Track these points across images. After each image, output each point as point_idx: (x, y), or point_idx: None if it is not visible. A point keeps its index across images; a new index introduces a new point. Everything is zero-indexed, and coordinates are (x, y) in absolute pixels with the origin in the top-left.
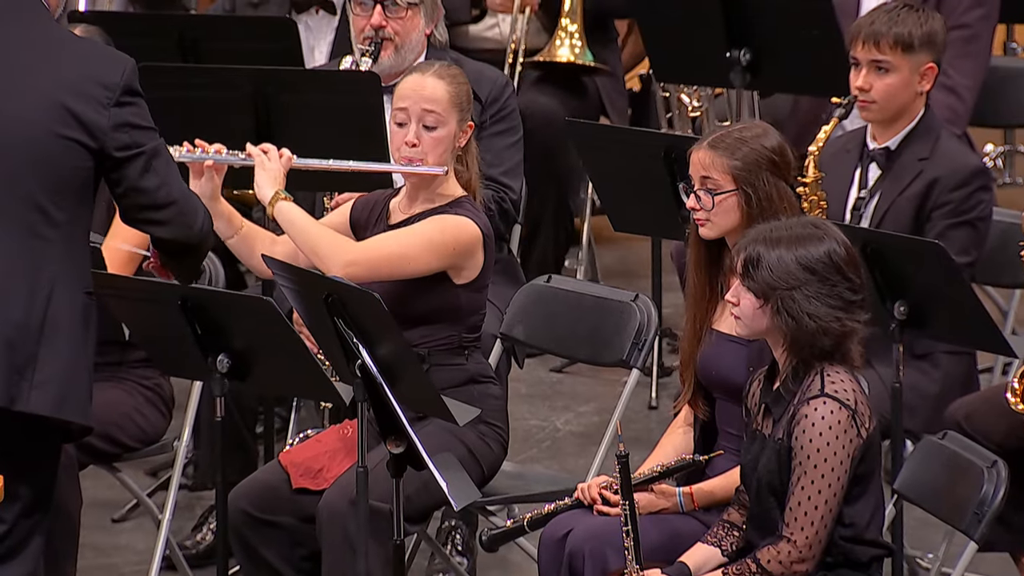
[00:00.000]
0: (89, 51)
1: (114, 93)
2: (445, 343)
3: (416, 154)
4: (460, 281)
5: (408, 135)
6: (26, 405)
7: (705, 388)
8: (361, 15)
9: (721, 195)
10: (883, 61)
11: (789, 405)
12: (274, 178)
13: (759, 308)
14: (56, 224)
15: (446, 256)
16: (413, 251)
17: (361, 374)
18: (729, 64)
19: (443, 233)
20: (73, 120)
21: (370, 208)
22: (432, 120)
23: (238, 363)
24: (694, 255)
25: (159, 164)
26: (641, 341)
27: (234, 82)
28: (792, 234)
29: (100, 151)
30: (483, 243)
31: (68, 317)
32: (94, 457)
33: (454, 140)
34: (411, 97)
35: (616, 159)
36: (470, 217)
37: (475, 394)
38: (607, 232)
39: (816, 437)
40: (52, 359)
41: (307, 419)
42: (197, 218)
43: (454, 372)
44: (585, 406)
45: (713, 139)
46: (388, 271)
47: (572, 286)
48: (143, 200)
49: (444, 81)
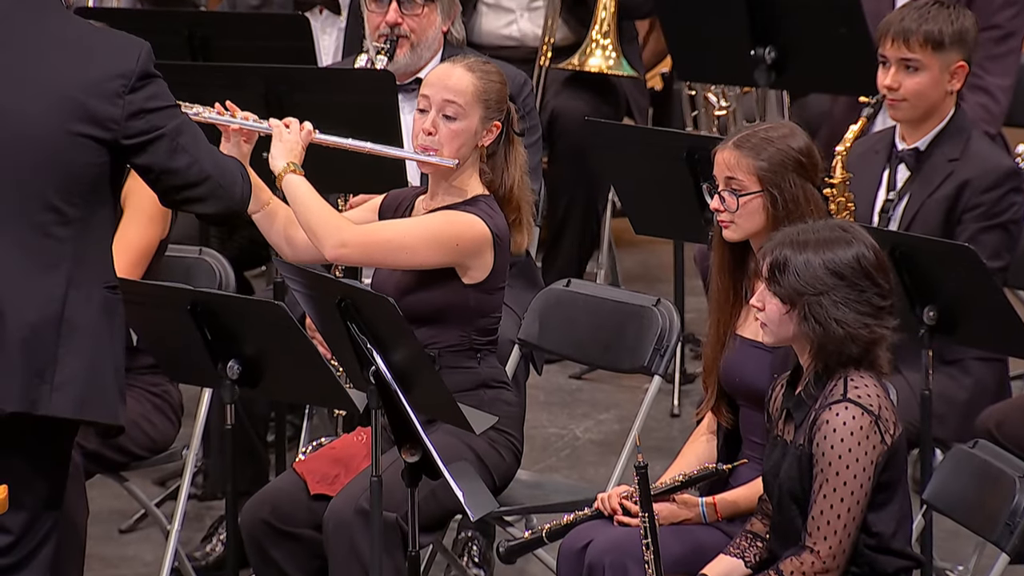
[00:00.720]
0: (102, 41)
1: (129, 81)
2: (455, 345)
3: (431, 143)
4: (469, 281)
5: (427, 122)
6: (48, 408)
7: (728, 395)
8: (376, 12)
9: (746, 196)
10: (912, 59)
11: (811, 410)
12: (290, 150)
13: (785, 314)
14: (69, 222)
15: (448, 252)
16: (412, 241)
17: (375, 381)
18: (754, 63)
19: (447, 227)
20: (84, 114)
21: (398, 202)
22: (452, 111)
23: (249, 369)
24: (718, 258)
25: (186, 141)
26: (663, 347)
27: (245, 81)
28: (820, 237)
29: (114, 142)
30: (493, 244)
31: (87, 315)
32: (101, 466)
33: (475, 136)
34: (435, 85)
35: (637, 160)
36: (480, 216)
37: (485, 399)
38: (628, 235)
39: (838, 443)
40: (72, 359)
41: (320, 427)
42: (236, 188)
43: (464, 375)
44: (605, 414)
45: (738, 139)
46: (382, 258)
47: (592, 290)
48: (176, 181)
49: (473, 74)
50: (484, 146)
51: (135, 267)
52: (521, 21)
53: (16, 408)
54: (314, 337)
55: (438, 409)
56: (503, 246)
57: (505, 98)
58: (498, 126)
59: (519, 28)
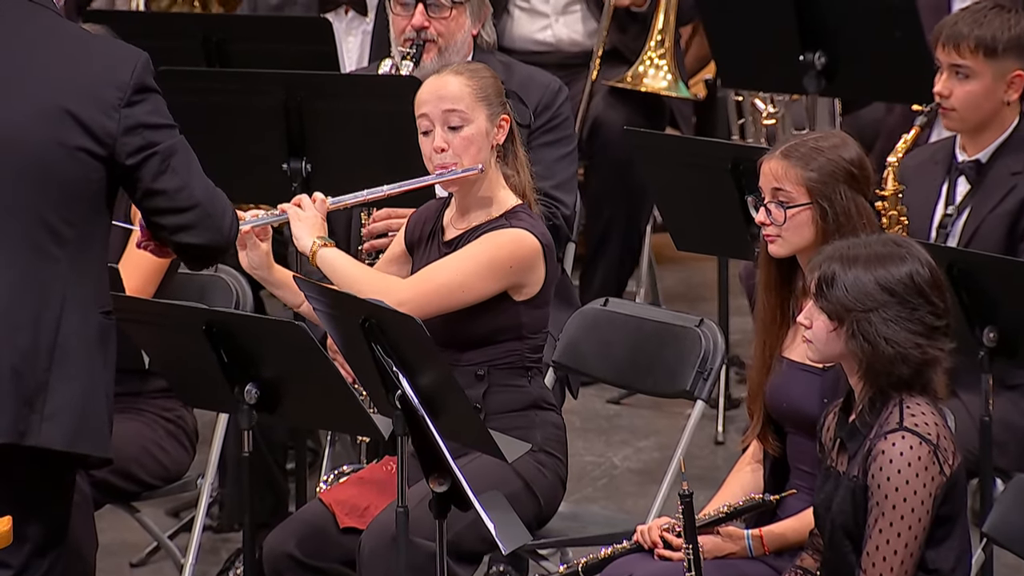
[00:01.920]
0: (96, 49)
1: (125, 93)
2: (506, 362)
3: (447, 159)
4: (521, 298)
5: (435, 140)
6: (37, 439)
7: (775, 421)
8: (402, 15)
9: (794, 209)
10: (963, 66)
11: (865, 440)
12: (311, 226)
13: (832, 331)
14: (64, 242)
15: (505, 276)
16: (468, 278)
17: (401, 406)
18: (803, 68)
19: (497, 252)
20: (79, 127)
21: (422, 224)
22: (457, 119)
23: (267, 393)
24: (764, 276)
25: (178, 163)
26: (706, 370)
27: (264, 87)
28: (871, 252)
29: (110, 158)
30: (543, 255)
31: (81, 341)
32: (111, 496)
33: (488, 137)
34: (430, 101)
35: (679, 171)
36: (526, 228)
37: (536, 421)
38: (670, 251)
39: (894, 475)
40: (64, 387)
41: (342, 454)
42: (225, 220)
43: (515, 394)
44: (645, 441)
45: (786, 148)
46: (444, 304)
47: (631, 310)
48: (162, 203)
49: (463, 76)
50: (499, 144)
51: (147, 285)
52: (556, 26)
53: (4, 439)
54: (336, 359)
55: (467, 435)
56: (551, 255)
57: (502, 91)
58: (507, 119)
59: (554, 33)
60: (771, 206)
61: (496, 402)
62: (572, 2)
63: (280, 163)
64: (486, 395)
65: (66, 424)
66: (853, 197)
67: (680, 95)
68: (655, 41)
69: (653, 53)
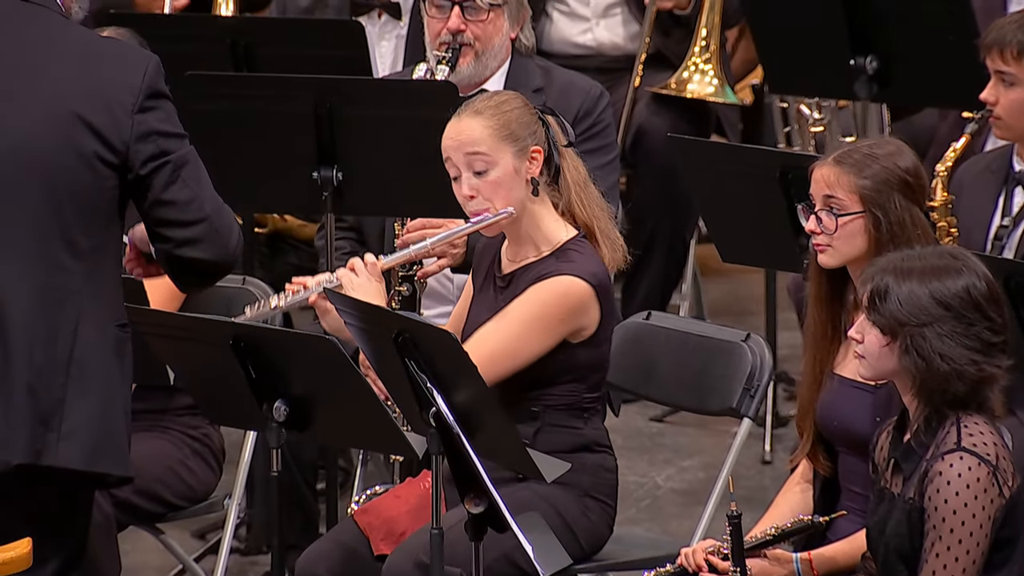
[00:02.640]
0: (106, 52)
1: (138, 98)
2: (564, 403)
3: (479, 205)
4: (578, 340)
5: (463, 188)
6: (54, 459)
7: (826, 440)
8: (437, 17)
9: (846, 217)
10: (1007, 72)
11: (921, 460)
12: (367, 290)
13: (885, 346)
14: (80, 253)
15: (557, 329)
16: (518, 342)
17: (436, 423)
18: (854, 73)
19: (543, 309)
20: (92, 134)
21: (483, 256)
22: (481, 164)
23: (297, 411)
24: (814, 288)
25: (189, 174)
26: (753, 386)
27: (293, 93)
28: (927, 265)
29: (124, 166)
30: (596, 296)
31: (98, 355)
32: (134, 517)
33: (519, 175)
34: (451, 147)
35: (726, 180)
36: (574, 273)
37: (587, 464)
38: (715, 263)
39: (952, 497)
40: (81, 404)
41: (374, 474)
42: (232, 237)
43: (568, 436)
44: (689, 460)
45: (839, 154)
46: (499, 372)
47: (675, 324)
48: (171, 215)
49: (482, 117)
50: (533, 177)
51: (172, 299)
52: (597, 29)
53: (21, 460)
54: (368, 375)
55: (505, 455)
56: (607, 291)
57: (531, 118)
58: (539, 150)
59: (594, 36)
60: (822, 214)
61: (546, 442)
62: (613, 4)
63: (310, 171)
64: (537, 434)
65: (84, 442)
66: (908, 207)
67: (726, 101)
68: (700, 45)
69: (698, 57)
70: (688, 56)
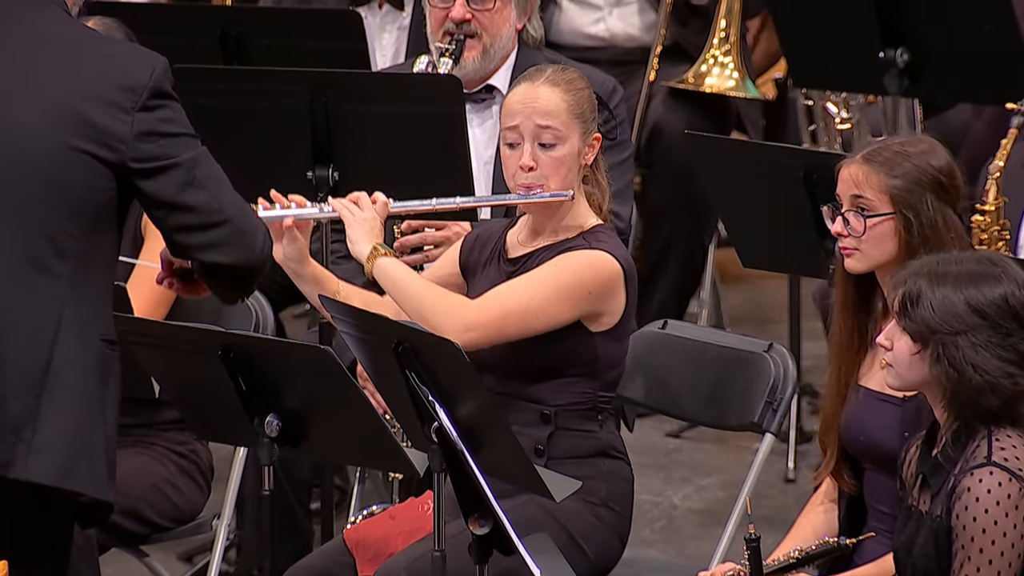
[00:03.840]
0: (112, 51)
1: (140, 96)
2: (577, 404)
3: (535, 179)
4: (598, 328)
5: (523, 157)
6: (22, 471)
7: (852, 456)
8: (440, 6)
9: (875, 219)
10: None
11: (950, 476)
12: (369, 230)
13: (915, 354)
14: (66, 255)
15: (583, 302)
16: (541, 303)
17: (438, 439)
18: (883, 66)
19: (576, 275)
20: (88, 128)
21: (481, 245)
22: (550, 137)
23: (290, 425)
24: (840, 296)
25: (204, 176)
26: (776, 400)
27: (287, 87)
28: (963, 270)
29: (121, 165)
30: (624, 280)
31: (77, 366)
32: (117, 538)
33: (579, 158)
34: (522, 112)
35: (746, 180)
36: (607, 251)
37: (603, 471)
38: (735, 269)
39: (981, 515)
40: (56, 418)
41: (372, 493)
42: (258, 237)
43: (583, 440)
44: (708, 478)
45: (869, 152)
46: (515, 331)
47: (692, 333)
48: (190, 220)
49: (560, 89)
50: (587, 164)
51: (158, 306)
52: (610, 19)
53: None
54: (366, 388)
55: (511, 472)
56: (634, 282)
57: (595, 106)
58: (599, 139)
59: (607, 27)
60: (849, 215)
61: (560, 447)
62: None
63: (305, 171)
64: (551, 438)
65: (56, 457)
66: (941, 208)
67: (747, 95)
68: (719, 36)
69: (717, 50)
70: (707, 48)
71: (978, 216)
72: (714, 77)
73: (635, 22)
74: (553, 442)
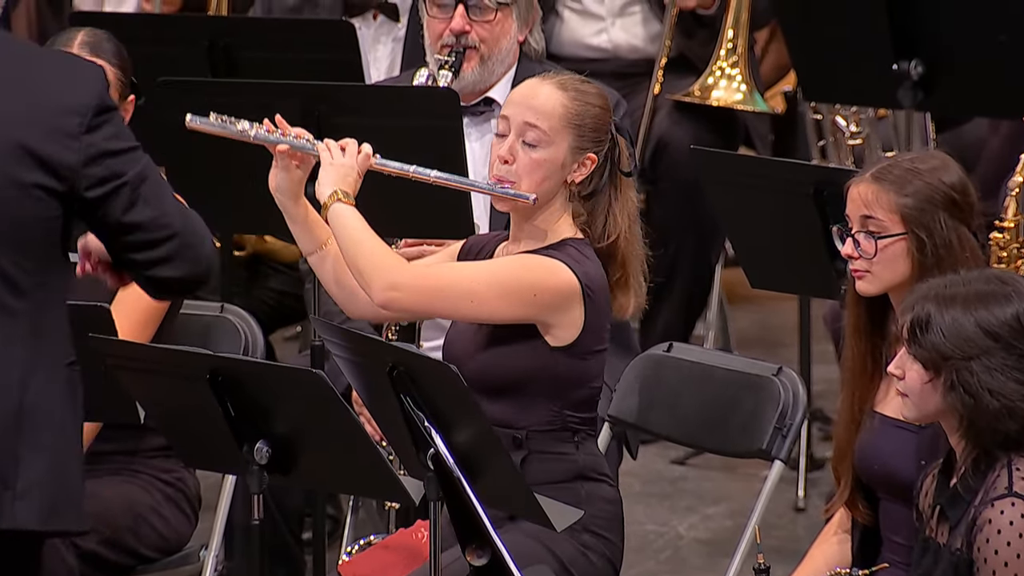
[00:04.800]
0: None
1: (85, 117)
2: (546, 424)
3: (507, 173)
4: (555, 342)
5: (502, 148)
6: (12, 521)
7: (865, 485)
8: (439, 17)
9: (886, 239)
10: None
11: (969, 507)
12: (343, 176)
13: (928, 382)
14: (23, 292)
15: (525, 304)
16: (479, 288)
17: (434, 466)
18: (897, 79)
19: (523, 272)
20: (34, 162)
21: (479, 248)
22: (533, 136)
23: (281, 452)
24: (852, 319)
25: (149, 191)
26: (785, 426)
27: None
28: (972, 290)
29: (69, 193)
30: (582, 296)
31: (49, 402)
32: (101, 570)
33: (561, 169)
34: (517, 104)
35: (755, 198)
36: (565, 261)
37: (583, 494)
38: (743, 289)
39: (1003, 548)
40: (36, 458)
41: (366, 523)
42: (204, 248)
43: (558, 463)
44: (714, 507)
45: (878, 170)
46: (443, 306)
47: (699, 357)
48: (138, 238)
49: (565, 93)
50: (574, 183)
51: (142, 328)
52: (612, 30)
53: None
54: (360, 414)
55: (510, 501)
56: (597, 299)
57: (606, 127)
58: (593, 159)
59: (610, 38)
60: (860, 236)
61: (535, 472)
62: (631, 2)
63: None
64: (524, 463)
65: (42, 500)
66: (955, 227)
67: (756, 109)
68: (726, 48)
69: (724, 61)
70: (713, 60)
71: (997, 233)
72: (721, 90)
73: (639, 33)
74: (527, 467)
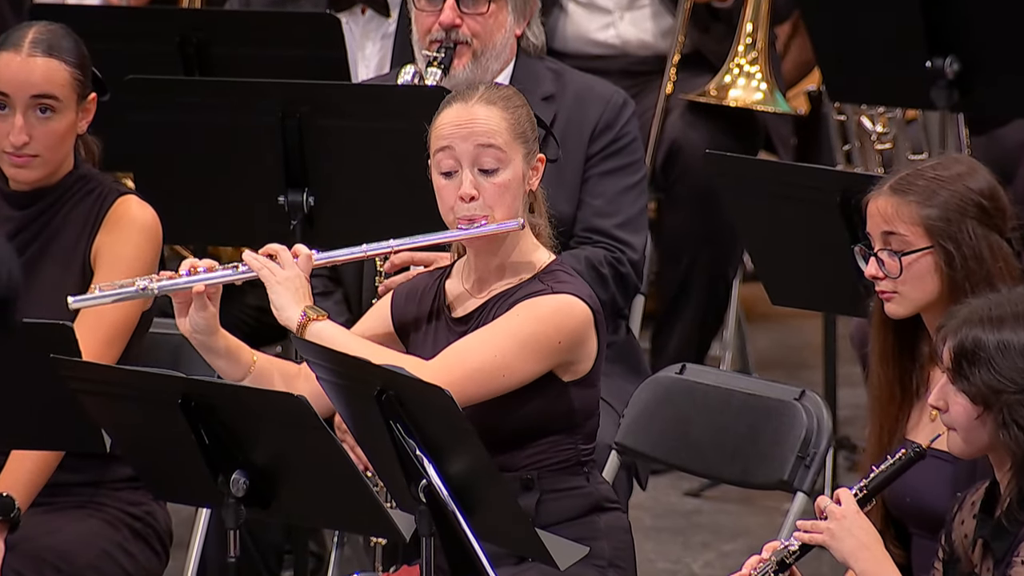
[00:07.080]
0: None
1: None
2: (558, 461)
3: (478, 209)
4: (570, 377)
5: (463, 186)
6: None
7: (897, 520)
8: (428, 10)
9: (911, 256)
10: None
11: (1015, 540)
12: (294, 290)
13: (977, 418)
14: None
15: (553, 355)
16: (508, 359)
17: (427, 499)
18: (930, 77)
19: (543, 326)
20: None
21: (417, 299)
22: (491, 161)
23: (259, 484)
24: (878, 344)
25: None
26: (808, 455)
27: (256, 101)
28: (1019, 311)
29: None
30: (594, 323)
31: None
32: None
33: (524, 183)
34: (456, 135)
35: (776, 206)
36: (573, 292)
37: (601, 527)
38: (762, 306)
39: None
40: None
41: (352, 560)
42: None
43: (573, 499)
44: (731, 543)
45: (897, 181)
46: (479, 392)
47: (714, 379)
48: None
49: (497, 107)
50: (532, 189)
51: (108, 347)
52: (621, 24)
53: None
54: (345, 441)
55: (510, 536)
56: (600, 319)
57: (535, 123)
58: (543, 160)
59: (618, 32)
60: (883, 255)
61: (551, 512)
62: None
63: (276, 196)
64: (539, 505)
65: None
66: (985, 235)
67: (776, 110)
68: (745, 43)
69: (742, 58)
70: (730, 57)
71: None
72: (739, 89)
73: (649, 27)
74: (542, 509)
